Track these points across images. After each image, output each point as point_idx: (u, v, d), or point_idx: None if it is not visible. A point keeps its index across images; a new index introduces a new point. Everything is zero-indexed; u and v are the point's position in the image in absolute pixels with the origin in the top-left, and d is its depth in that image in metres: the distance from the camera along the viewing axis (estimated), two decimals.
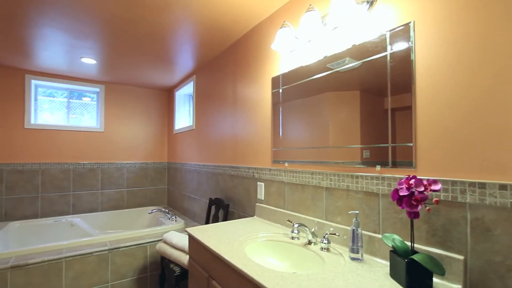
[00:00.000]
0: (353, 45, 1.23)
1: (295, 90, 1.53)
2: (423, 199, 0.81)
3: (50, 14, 1.76)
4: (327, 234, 1.20)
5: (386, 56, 1.10)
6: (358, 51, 1.21)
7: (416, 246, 0.97)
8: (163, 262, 2.05)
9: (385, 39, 1.11)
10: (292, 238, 1.34)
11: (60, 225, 2.91)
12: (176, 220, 2.77)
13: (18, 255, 1.92)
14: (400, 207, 0.90)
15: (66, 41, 2.20)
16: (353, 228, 1.08)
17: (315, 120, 1.40)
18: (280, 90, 1.64)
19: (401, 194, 0.85)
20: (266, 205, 1.75)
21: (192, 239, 1.48)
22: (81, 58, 2.56)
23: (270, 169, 1.72)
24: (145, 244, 2.27)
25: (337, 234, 1.18)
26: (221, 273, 1.18)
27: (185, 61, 2.64)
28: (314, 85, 1.41)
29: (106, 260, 2.11)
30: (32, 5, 1.66)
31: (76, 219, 3.00)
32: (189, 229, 1.50)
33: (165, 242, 2.03)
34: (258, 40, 1.89)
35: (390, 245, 0.93)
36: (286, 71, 1.60)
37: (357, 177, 1.19)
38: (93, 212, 3.24)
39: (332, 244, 1.25)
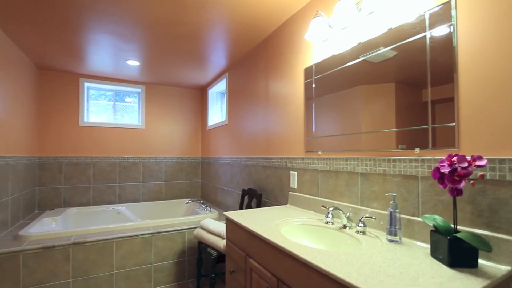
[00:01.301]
0: (389, 29, 1.22)
1: (328, 79, 1.55)
2: (466, 175, 0.79)
3: (103, 21, 1.98)
4: (363, 217, 1.21)
5: (425, 37, 1.08)
6: (395, 35, 1.19)
7: (459, 228, 0.95)
8: (200, 247, 2.17)
9: (424, 19, 1.09)
10: (327, 222, 1.36)
11: (108, 212, 3.21)
12: (210, 211, 2.91)
13: (77, 234, 2.18)
14: (441, 186, 0.89)
15: (114, 45, 2.43)
16: (391, 210, 1.07)
17: (348, 109, 1.41)
18: (313, 80, 1.67)
19: (442, 171, 0.84)
20: (299, 193, 1.79)
21: (229, 222, 1.56)
22: (126, 60, 2.81)
23: (303, 158, 1.75)
24: (183, 230, 2.42)
25: (373, 217, 1.18)
26: (258, 251, 1.24)
27: (218, 59, 2.77)
28: (348, 74, 1.42)
29: (149, 242, 2.29)
30: (90, 13, 1.88)
31: (122, 207, 3.29)
32: (227, 213, 1.59)
33: (202, 228, 2.15)
34: (290, 32, 1.93)
35: (431, 224, 0.92)
36: (319, 60, 1.62)
37: (394, 160, 1.18)
38: (135, 202, 3.51)
39: (368, 229, 1.26)
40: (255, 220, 1.43)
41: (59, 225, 2.66)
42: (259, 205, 2.10)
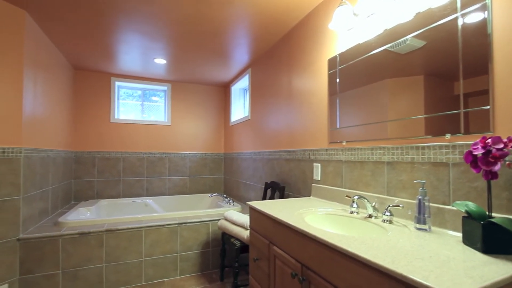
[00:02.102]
0: (416, 14, 1.19)
1: (353, 69, 1.53)
2: (502, 156, 0.76)
3: (134, 20, 2.09)
4: (389, 206, 1.18)
5: (456, 22, 1.04)
6: (423, 20, 1.16)
7: (494, 215, 0.91)
8: (224, 238, 2.23)
9: (455, 0, 1.05)
10: (351, 212, 1.35)
11: (137, 204, 3.37)
12: (233, 204, 2.96)
13: (110, 222, 2.32)
14: (474, 171, 0.85)
15: (143, 44, 2.56)
16: (419, 197, 1.05)
17: (374, 98, 1.38)
18: (337, 71, 1.65)
19: (475, 153, 0.81)
20: (323, 185, 1.78)
21: (253, 211, 1.60)
22: (154, 59, 2.94)
23: (326, 149, 1.74)
24: (207, 222, 2.49)
25: (401, 205, 1.16)
26: (281, 238, 1.26)
27: (241, 55, 2.82)
28: (373, 64, 1.39)
29: (175, 232, 2.39)
30: (121, 13, 2.00)
31: (149, 200, 3.45)
32: (251, 203, 1.62)
33: (226, 219, 2.20)
34: (313, 24, 1.93)
35: (463, 210, 0.88)
36: (344, 50, 1.61)
37: (423, 148, 1.15)
38: (162, 195, 3.67)
39: (395, 218, 1.23)
40: (278, 209, 1.45)
41: (93, 214, 2.85)
42: (282, 197, 2.11)
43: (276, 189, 2.23)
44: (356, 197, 1.26)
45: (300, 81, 2.07)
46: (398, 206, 1.16)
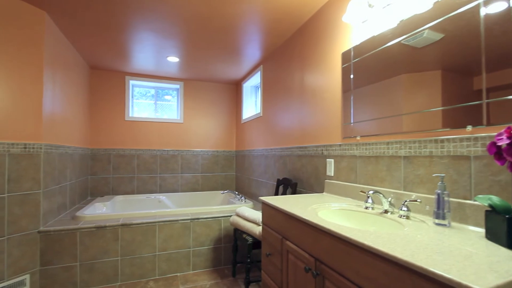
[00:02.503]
0: (435, 2, 1.15)
1: (368, 62, 1.49)
2: None
3: (147, 18, 2.13)
4: (406, 201, 1.15)
5: (478, 9, 0.99)
6: (441, 9, 1.12)
7: None
8: (236, 234, 2.23)
9: None
10: (366, 208, 1.32)
11: (150, 200, 3.44)
12: (245, 201, 2.97)
13: (125, 217, 2.38)
14: (498, 163, 0.81)
15: (157, 42, 2.60)
16: (438, 191, 1.01)
17: (389, 91, 1.35)
18: (351, 64, 1.62)
19: (499, 144, 0.77)
20: (336, 180, 1.75)
21: (266, 206, 1.59)
22: (167, 57, 2.98)
23: (340, 145, 1.72)
24: (219, 218, 2.51)
25: (418, 200, 1.12)
26: (294, 232, 1.25)
27: (252, 51, 2.82)
28: (388, 57, 1.36)
29: (188, 228, 2.41)
30: (136, 12, 2.04)
31: (162, 197, 3.50)
32: (264, 198, 1.62)
33: (238, 215, 2.21)
34: (327, 17, 1.90)
35: (486, 204, 0.85)
36: (358, 43, 1.57)
37: (442, 141, 1.11)
38: (174, 192, 3.72)
39: (412, 214, 1.19)
40: (291, 204, 1.44)
41: (109, 209, 2.92)
42: (294, 193, 2.10)
43: (288, 186, 2.21)
44: (371, 192, 1.23)
45: (313, 76, 2.05)
46: (416, 201, 1.13)
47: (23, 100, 1.97)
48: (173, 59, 3.03)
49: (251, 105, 3.73)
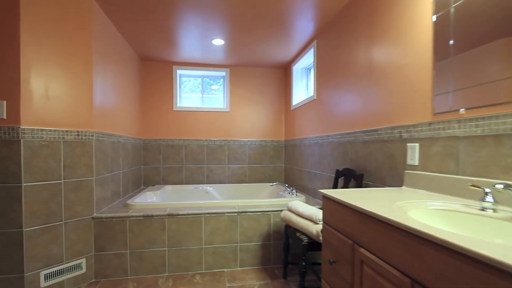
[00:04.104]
0: None
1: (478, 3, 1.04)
2: None
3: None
4: None
5: None
6: None
7: None
8: (288, 231, 1.96)
9: None
10: (483, 209, 0.91)
11: (198, 191, 3.38)
12: (296, 195, 2.67)
13: (172, 206, 2.29)
14: None
15: (201, 24, 2.43)
16: None
17: None
18: (451, 9, 1.18)
19: None
20: (423, 171, 1.33)
21: (328, 201, 1.27)
22: (212, 40, 2.81)
23: (430, 124, 1.29)
24: (269, 212, 2.26)
25: None
26: (374, 238, 0.92)
27: (304, 23, 2.45)
28: None
29: (235, 221, 2.22)
30: None
31: (210, 188, 3.42)
32: (324, 191, 1.30)
33: (291, 210, 1.93)
34: None
35: None
36: None
37: None
38: (221, 183, 3.61)
39: None
40: (364, 200, 1.10)
41: (159, 198, 2.92)
42: (359, 187, 1.72)
43: (351, 178, 1.84)
44: (500, 186, 0.82)
45: (386, 40, 1.62)
46: None
47: (74, 88, 1.98)
48: (219, 41, 2.85)
49: (302, 89, 3.38)
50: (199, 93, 3.76)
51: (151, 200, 2.84)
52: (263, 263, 2.27)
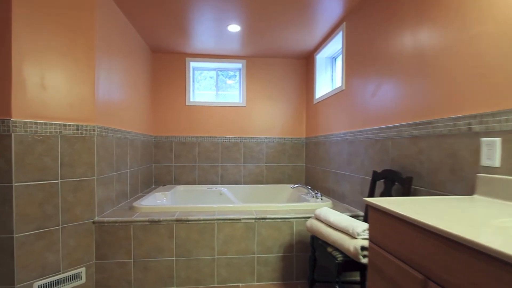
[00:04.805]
0: None
1: None
2: None
3: None
4: None
5: None
6: None
7: None
8: (315, 243, 1.65)
9: None
10: None
11: (211, 192, 3.13)
12: (321, 199, 2.34)
13: (181, 210, 2.04)
14: None
15: (215, 7, 2.17)
16: None
17: None
18: None
19: None
20: (505, 175, 0.98)
21: (378, 213, 0.96)
22: (227, 26, 2.54)
23: None
24: (291, 220, 1.96)
25: None
26: (468, 278, 0.59)
27: (330, 3, 2.12)
28: None
29: (252, 229, 1.94)
30: None
31: (224, 188, 3.15)
32: (372, 199, 0.99)
33: (319, 219, 1.61)
34: None
35: None
36: None
37: None
38: (236, 184, 3.34)
39: None
40: (435, 216, 0.77)
41: (169, 200, 2.69)
42: (407, 194, 1.38)
43: (394, 181, 1.50)
44: None
45: (443, 23, 1.27)
46: None
47: (74, 78, 1.77)
48: (234, 27, 2.57)
49: (326, 81, 3.03)
50: (213, 89, 3.51)
51: (160, 201, 2.62)
52: (284, 277, 1.97)
